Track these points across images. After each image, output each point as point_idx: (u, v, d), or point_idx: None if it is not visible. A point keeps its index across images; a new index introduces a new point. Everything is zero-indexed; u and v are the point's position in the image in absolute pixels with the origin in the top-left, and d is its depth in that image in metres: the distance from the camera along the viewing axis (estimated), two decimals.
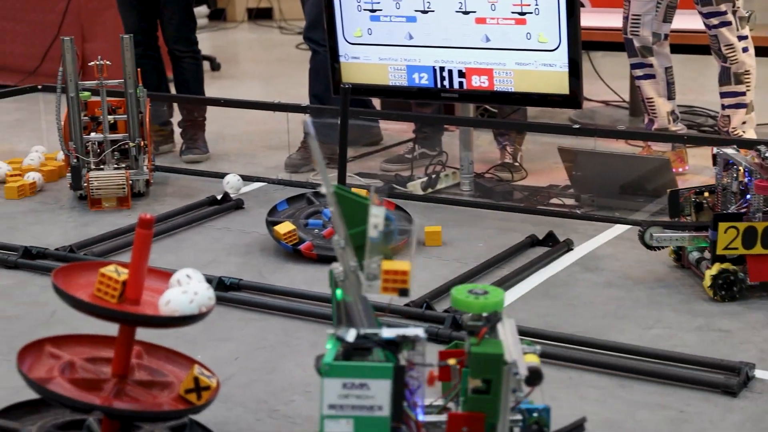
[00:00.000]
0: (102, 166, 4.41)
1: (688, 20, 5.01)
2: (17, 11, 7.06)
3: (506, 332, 2.07)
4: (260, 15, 10.19)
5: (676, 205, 3.54)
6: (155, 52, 5.27)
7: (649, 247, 3.45)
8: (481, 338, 2.04)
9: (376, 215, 2.06)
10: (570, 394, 2.76)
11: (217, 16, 10.14)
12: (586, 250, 3.78)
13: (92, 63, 4.52)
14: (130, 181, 4.40)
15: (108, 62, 4.51)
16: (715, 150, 3.50)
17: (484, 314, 2.08)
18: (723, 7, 4.46)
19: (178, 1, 5.13)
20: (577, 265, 3.65)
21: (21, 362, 2.30)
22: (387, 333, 2.01)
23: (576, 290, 3.43)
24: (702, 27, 4.59)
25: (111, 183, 4.34)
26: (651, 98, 4.69)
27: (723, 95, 4.60)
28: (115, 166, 4.43)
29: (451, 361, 2.12)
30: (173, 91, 5.47)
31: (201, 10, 9.73)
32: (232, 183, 4.46)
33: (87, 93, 4.55)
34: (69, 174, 4.44)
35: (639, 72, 4.68)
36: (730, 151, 3.39)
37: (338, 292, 2.19)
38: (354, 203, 2.18)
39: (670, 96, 4.71)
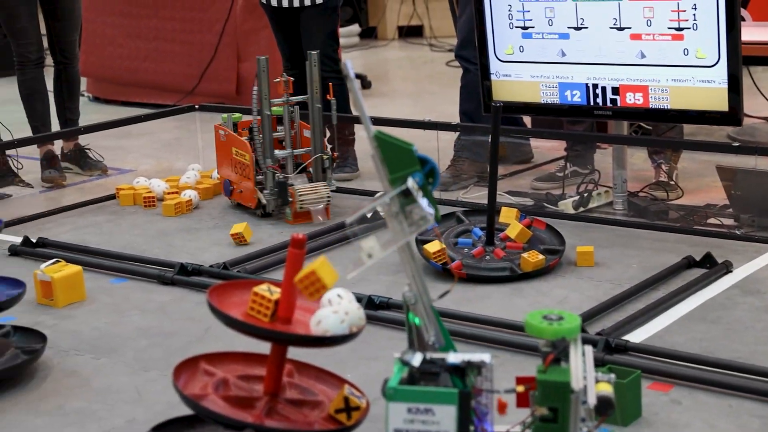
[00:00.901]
0: (291, 182, 4.49)
1: None
2: (176, 32, 7.29)
3: (578, 359, 2.00)
4: (411, 33, 10.25)
5: None
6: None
7: None
8: (548, 365, 1.98)
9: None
10: (730, 422, 2.66)
11: (369, 34, 10.25)
12: (746, 273, 3.66)
13: (277, 80, 4.62)
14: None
15: (291, 78, 4.63)
16: None
17: (554, 340, 2.02)
18: None
19: (320, 22, 5.19)
20: (736, 288, 3.53)
21: (177, 378, 2.35)
22: (453, 358, 1.97)
23: (735, 314, 3.31)
24: None
25: (317, 196, 4.42)
26: None
27: None
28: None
29: (520, 388, 2.06)
30: None
31: (352, 29, 9.85)
32: None
33: (238, 115, 4.71)
34: (265, 191, 4.45)
35: None
36: None
37: (410, 315, 2.16)
38: (396, 147, 2.14)
39: None
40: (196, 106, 5.59)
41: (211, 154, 5.72)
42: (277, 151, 4.52)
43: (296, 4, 5.16)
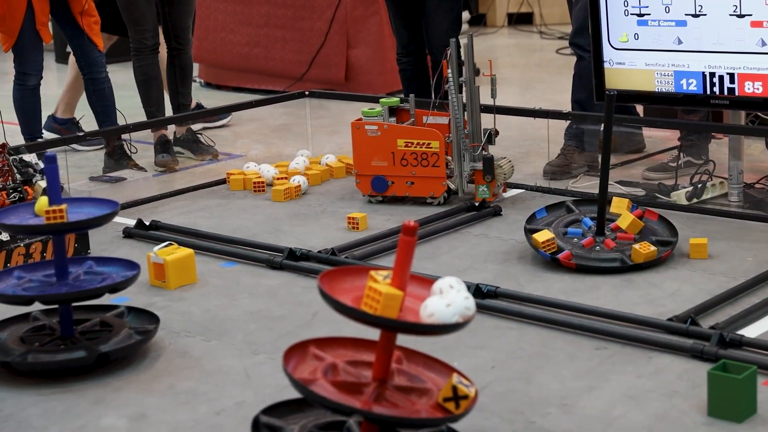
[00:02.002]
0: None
1: None
2: (287, 19, 7.35)
3: None
4: (520, 20, 10.15)
5: None
6: (425, 61, 5.32)
7: None
8: None
9: None
10: None
11: (478, 21, 10.18)
12: None
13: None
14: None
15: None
16: None
17: None
18: None
19: (446, 6, 5.16)
20: None
21: (287, 362, 2.37)
22: None
23: None
24: None
25: (512, 168, 4.50)
26: None
27: None
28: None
29: None
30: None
31: (463, 16, 9.79)
32: None
33: (395, 99, 4.66)
34: (470, 168, 4.41)
35: None
36: None
37: None
38: None
39: None
40: (306, 93, 5.63)
41: (320, 140, 5.78)
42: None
43: None
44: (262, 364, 3.07)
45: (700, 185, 4.40)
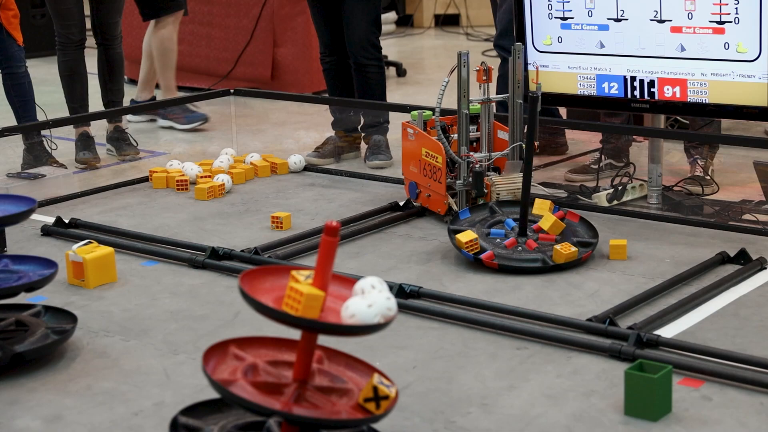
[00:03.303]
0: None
1: None
2: (214, 16, 7.29)
3: None
4: (447, 21, 10.22)
5: None
6: (347, 60, 5.33)
7: None
8: None
9: None
10: (761, 420, 2.63)
11: (405, 22, 10.22)
12: None
13: (477, 68, 4.24)
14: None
15: (491, 67, 4.25)
16: None
17: None
18: None
19: (364, 8, 5.16)
20: None
21: (206, 363, 2.35)
22: None
23: None
24: None
25: (513, 186, 4.11)
26: None
27: None
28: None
29: None
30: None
31: (389, 16, 9.82)
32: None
33: (428, 113, 4.35)
34: (458, 182, 4.15)
35: None
36: None
37: None
38: None
39: None
40: (231, 91, 5.60)
41: (245, 138, 5.75)
42: (474, 154, 4.17)
43: None
44: (182, 364, 3.04)
45: (620, 187, 4.46)
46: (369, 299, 2.32)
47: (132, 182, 4.99)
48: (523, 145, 4.10)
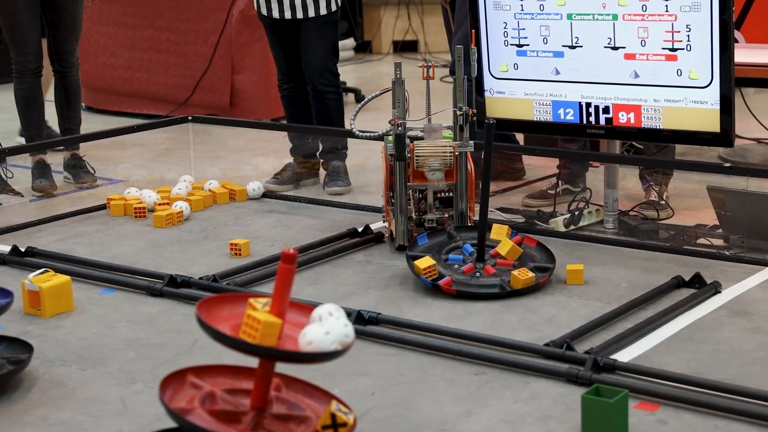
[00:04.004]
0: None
1: None
2: (171, 43, 7.29)
3: None
4: (405, 47, 10.28)
5: None
6: (305, 87, 5.35)
7: None
8: None
9: None
10: None
11: (363, 48, 10.27)
12: (734, 294, 3.66)
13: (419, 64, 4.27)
14: (456, 152, 4.11)
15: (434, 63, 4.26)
16: None
17: None
18: None
19: (321, 35, 5.19)
20: (724, 309, 3.53)
21: (163, 391, 2.34)
22: None
23: (723, 335, 3.31)
24: None
25: (436, 152, 4.04)
26: None
27: None
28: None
29: None
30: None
31: (347, 43, 9.87)
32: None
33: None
34: (393, 142, 4.14)
35: None
36: None
37: None
38: None
39: None
40: (189, 118, 5.59)
41: (204, 165, 5.74)
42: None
43: (299, 15, 5.14)
44: (140, 393, 3.02)
45: (577, 212, 4.50)
46: (326, 326, 2.33)
47: (89, 210, 4.97)
48: (458, 111, 4.18)
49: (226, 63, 7.11)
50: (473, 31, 4.39)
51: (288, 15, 5.14)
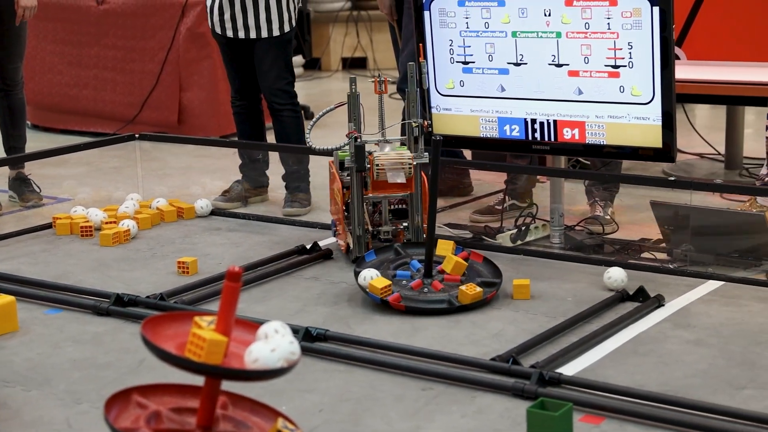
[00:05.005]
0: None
1: None
2: (118, 61, 7.26)
3: None
4: (355, 64, 10.31)
5: None
6: (257, 105, 5.36)
7: None
8: None
9: None
10: None
11: (312, 65, 10.28)
12: (677, 306, 3.71)
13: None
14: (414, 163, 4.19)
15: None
16: None
17: None
18: None
19: (274, 55, 5.20)
20: (668, 321, 3.58)
21: (108, 411, 2.33)
22: None
23: (666, 347, 3.36)
24: None
25: (396, 161, 4.12)
26: None
27: None
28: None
29: None
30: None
31: (296, 60, 9.85)
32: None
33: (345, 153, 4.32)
34: (353, 154, 4.20)
35: None
36: None
37: None
38: None
39: None
40: (137, 135, 5.56)
41: (151, 183, 5.72)
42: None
43: (252, 35, 5.15)
44: (86, 414, 3.00)
45: (523, 228, 4.54)
46: (272, 344, 2.33)
47: (35, 229, 4.92)
48: (414, 124, 4.26)
49: (174, 80, 7.09)
50: (419, 45, 4.43)
51: (241, 35, 5.14)
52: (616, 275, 3.86)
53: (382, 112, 4.43)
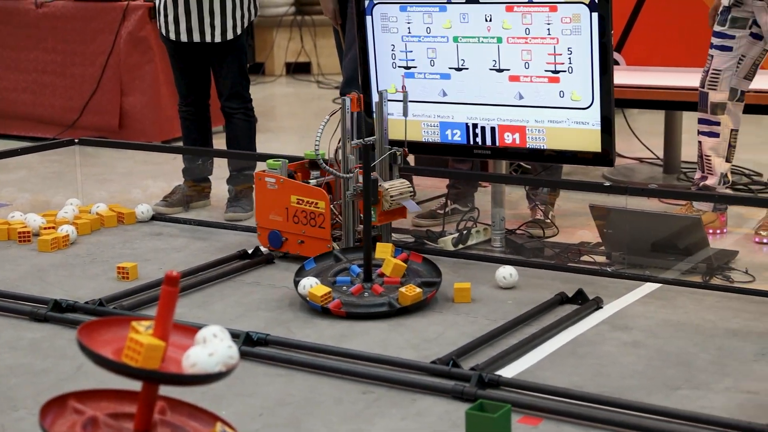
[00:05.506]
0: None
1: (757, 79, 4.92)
2: (58, 65, 7.18)
3: None
4: (298, 69, 10.30)
5: None
6: (205, 111, 5.34)
7: None
8: None
9: None
10: None
11: (256, 70, 10.25)
12: (615, 309, 3.76)
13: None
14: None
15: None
16: None
17: None
18: None
19: (233, 58, 5.20)
20: (605, 323, 3.62)
21: (43, 418, 2.30)
22: None
23: (604, 349, 3.40)
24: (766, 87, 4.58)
25: (402, 188, 4.24)
26: (709, 156, 4.65)
27: None
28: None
29: None
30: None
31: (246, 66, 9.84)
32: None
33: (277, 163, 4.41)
34: (352, 191, 4.18)
35: (704, 128, 4.65)
36: None
37: None
38: None
39: (728, 158, 4.66)
40: (76, 140, 5.51)
41: (91, 188, 5.67)
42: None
43: (207, 39, 5.13)
44: (22, 420, 2.97)
45: (465, 232, 4.57)
46: (210, 348, 2.32)
47: None
48: (398, 153, 4.31)
49: (115, 85, 7.03)
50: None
51: (196, 39, 5.12)
52: (509, 271, 3.99)
53: (360, 128, 4.41)
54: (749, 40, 4.54)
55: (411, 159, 5.52)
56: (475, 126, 4.41)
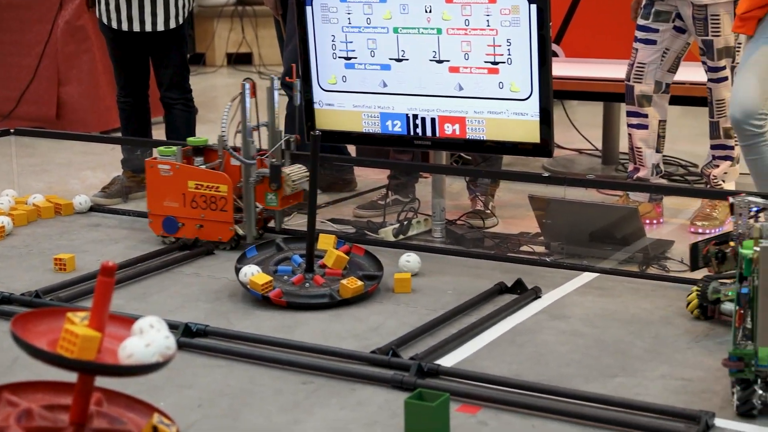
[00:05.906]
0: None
1: (693, 72, 5.00)
2: None
3: None
4: (239, 60, 10.24)
5: (697, 257, 3.59)
6: (144, 101, 5.29)
7: (708, 304, 3.46)
8: None
9: None
10: None
11: (197, 60, 10.18)
12: (553, 298, 3.79)
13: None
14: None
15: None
16: (731, 199, 3.33)
17: None
18: (723, 63, 4.50)
19: (173, 48, 5.17)
20: (544, 312, 3.66)
21: None
22: None
23: (542, 338, 3.43)
24: (703, 79, 4.65)
25: (303, 175, 4.34)
26: (639, 148, 4.72)
27: (713, 147, 4.65)
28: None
29: None
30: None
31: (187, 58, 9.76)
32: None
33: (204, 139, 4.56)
34: (254, 178, 4.34)
35: (633, 120, 4.71)
36: (759, 199, 3.25)
37: None
38: None
39: (658, 149, 4.73)
40: (12, 130, 5.43)
41: (28, 179, 5.59)
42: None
43: (148, 28, 5.08)
44: None
45: (405, 222, 4.58)
46: (147, 338, 2.31)
47: None
48: (291, 140, 4.43)
49: (52, 74, 6.94)
50: (293, 66, 4.46)
51: (137, 28, 5.07)
52: (406, 258, 4.05)
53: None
54: (673, 34, 4.60)
55: (352, 150, 5.54)
56: (415, 117, 4.42)
